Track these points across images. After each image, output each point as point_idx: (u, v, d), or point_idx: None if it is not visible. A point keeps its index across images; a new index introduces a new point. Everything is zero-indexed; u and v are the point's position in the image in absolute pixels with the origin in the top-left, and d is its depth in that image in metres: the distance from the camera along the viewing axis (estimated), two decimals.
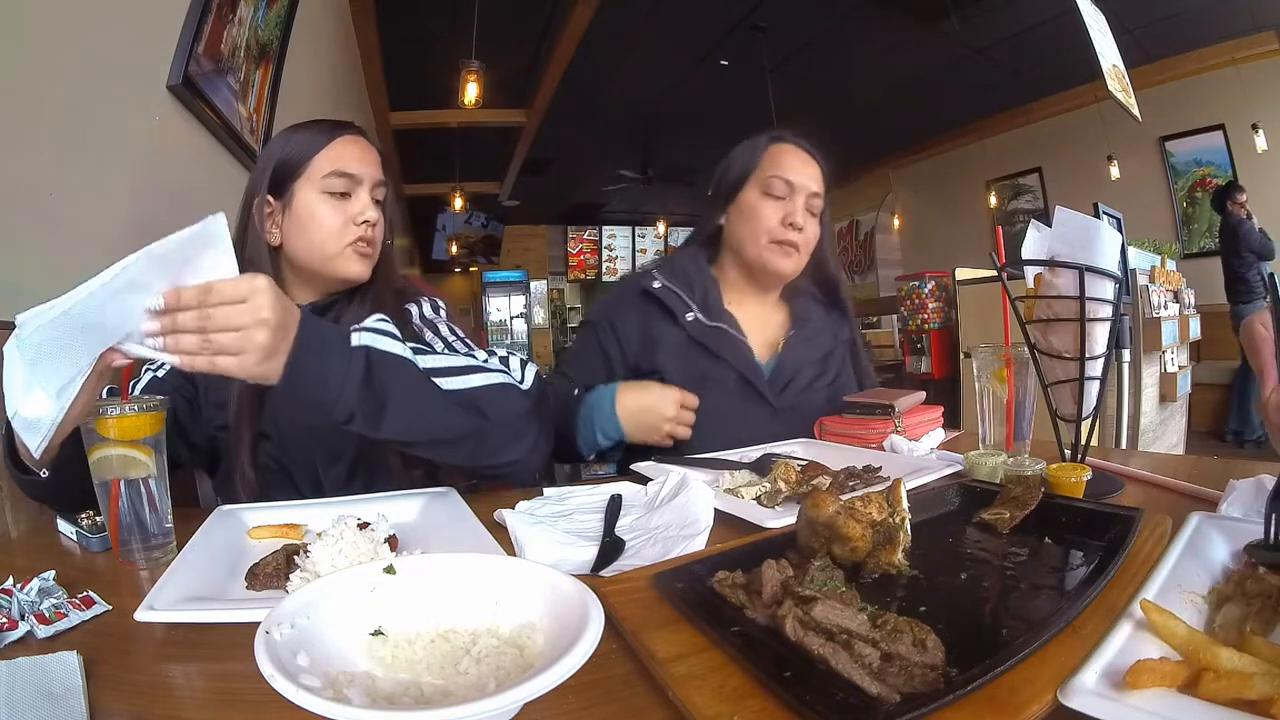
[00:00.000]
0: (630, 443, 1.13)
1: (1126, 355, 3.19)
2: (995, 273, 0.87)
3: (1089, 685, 0.37)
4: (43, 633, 0.51)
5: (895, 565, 0.55)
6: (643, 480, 0.90)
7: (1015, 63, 5.14)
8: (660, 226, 9.83)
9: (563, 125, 5.91)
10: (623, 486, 0.88)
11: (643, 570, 0.57)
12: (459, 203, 7.28)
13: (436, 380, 0.80)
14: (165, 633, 0.52)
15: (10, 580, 0.56)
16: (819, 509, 0.56)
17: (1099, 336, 0.80)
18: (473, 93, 4.08)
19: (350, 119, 1.03)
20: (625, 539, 0.69)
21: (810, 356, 1.27)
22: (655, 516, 0.75)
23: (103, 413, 0.66)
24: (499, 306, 9.46)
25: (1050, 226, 0.83)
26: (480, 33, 3.94)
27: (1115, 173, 5.56)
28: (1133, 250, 3.70)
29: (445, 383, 0.80)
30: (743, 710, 0.38)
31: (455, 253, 9.38)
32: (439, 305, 1.08)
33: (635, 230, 10.21)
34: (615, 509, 0.79)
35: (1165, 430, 3.74)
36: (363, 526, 0.64)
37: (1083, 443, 0.82)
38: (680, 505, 0.75)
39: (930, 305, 4.71)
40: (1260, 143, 4.87)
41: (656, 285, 1.23)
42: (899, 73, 5.35)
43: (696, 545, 0.67)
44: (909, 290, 4.86)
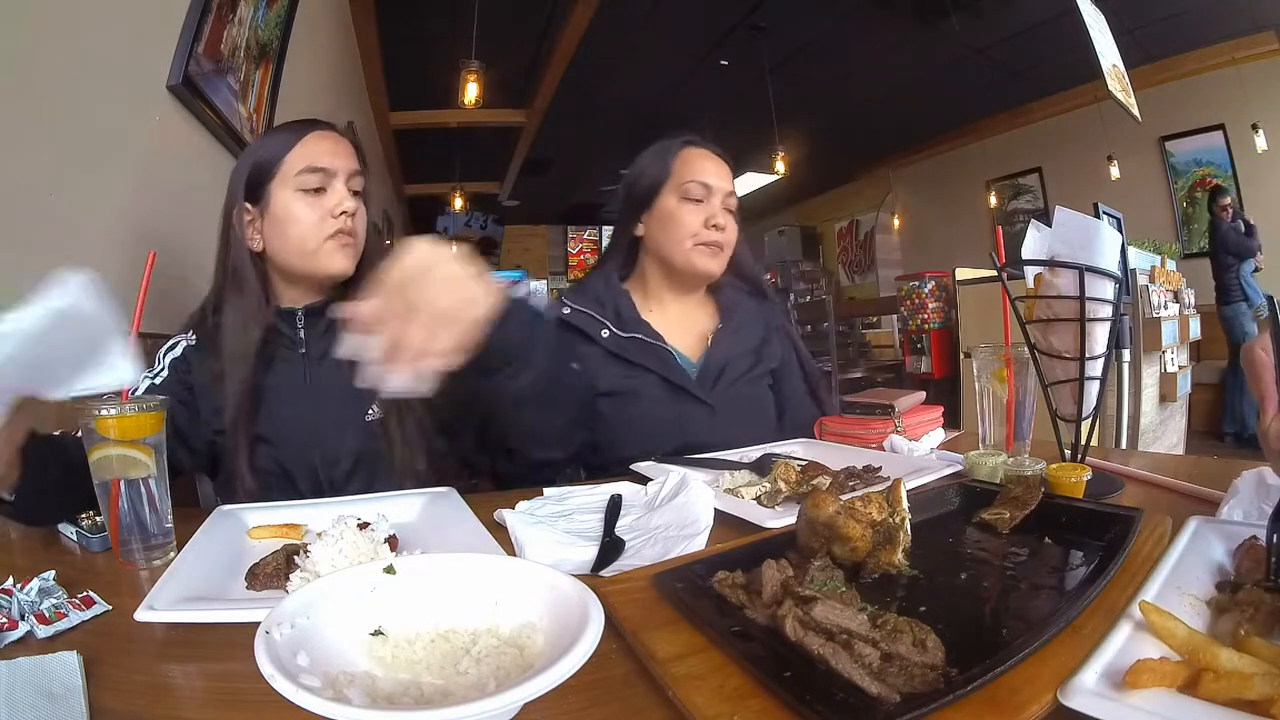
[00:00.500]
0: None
1: (1126, 355, 3.19)
2: (995, 273, 0.87)
3: (1089, 685, 0.37)
4: (43, 633, 0.51)
5: (895, 565, 0.55)
6: (643, 480, 0.90)
7: (1015, 63, 5.14)
8: None
9: (563, 125, 5.91)
10: (623, 486, 0.88)
11: (643, 570, 0.57)
12: (459, 203, 7.27)
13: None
14: (165, 633, 0.52)
15: (10, 580, 0.56)
16: (819, 509, 0.56)
17: (1099, 336, 0.80)
18: (473, 93, 4.07)
19: (350, 119, 1.03)
20: (625, 539, 0.69)
21: (741, 348, 1.25)
22: (655, 516, 0.75)
23: (103, 413, 0.66)
24: None
25: (1050, 226, 0.83)
26: (480, 33, 3.94)
27: (1115, 173, 5.56)
28: (1133, 250, 3.71)
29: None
30: (743, 710, 0.38)
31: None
32: None
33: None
34: (615, 509, 0.79)
35: (1165, 430, 3.75)
36: (363, 526, 0.64)
37: (1083, 443, 0.82)
38: (680, 505, 0.75)
39: (930, 305, 4.71)
40: (1260, 143, 4.87)
41: (566, 312, 1.21)
42: (899, 73, 5.35)
43: (696, 545, 0.67)
44: (909, 290, 4.86)
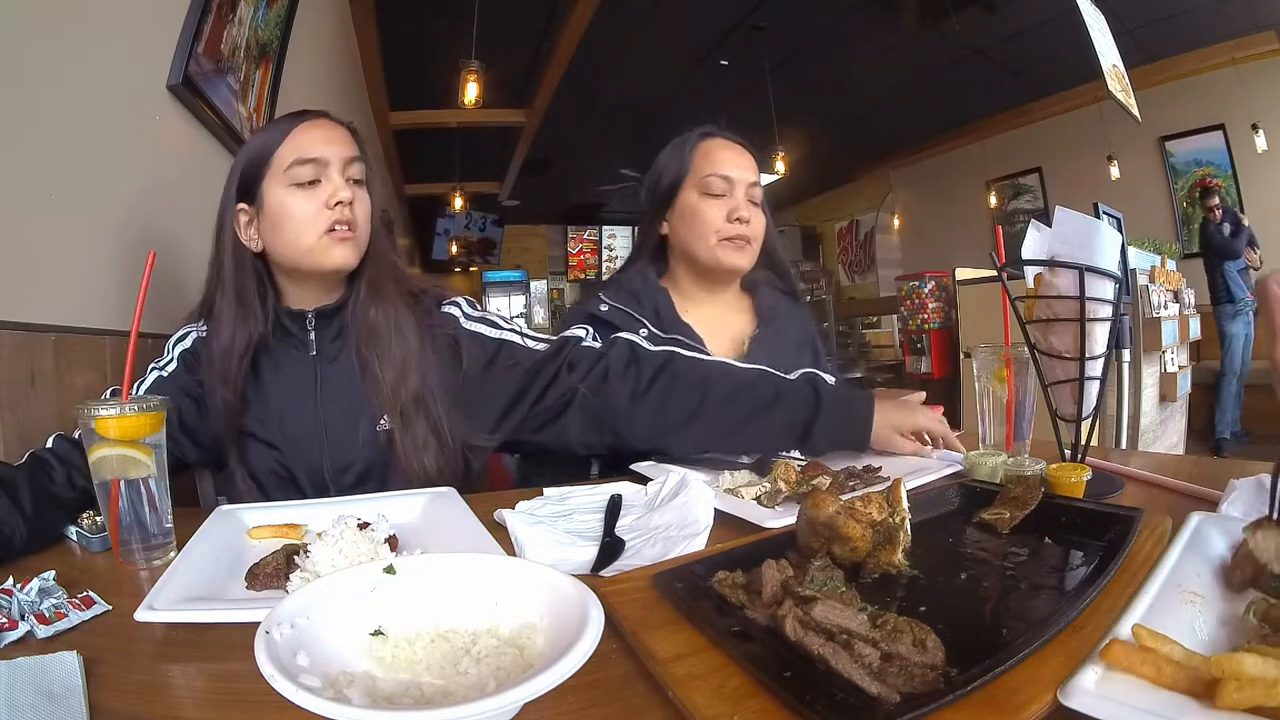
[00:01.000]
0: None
1: (1126, 355, 3.19)
2: (995, 273, 0.87)
3: (1089, 685, 0.37)
4: (43, 633, 0.51)
5: (895, 565, 0.55)
6: (643, 480, 0.90)
7: (1015, 63, 5.14)
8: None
9: (563, 125, 5.90)
10: (623, 486, 0.88)
11: (643, 570, 0.57)
12: (459, 202, 7.26)
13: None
14: (165, 633, 0.52)
15: (10, 580, 0.56)
16: (819, 509, 0.56)
17: (1099, 336, 0.80)
18: (473, 93, 4.07)
19: (350, 119, 1.01)
20: (625, 539, 0.69)
21: (776, 359, 1.17)
22: (655, 516, 0.75)
23: (103, 413, 0.66)
24: (499, 306, 9.46)
25: (1050, 226, 0.83)
26: (480, 33, 3.94)
27: (1115, 173, 5.56)
28: (1133, 250, 3.71)
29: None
30: (743, 710, 0.38)
31: (455, 253, 9.38)
32: (473, 300, 1.08)
33: (635, 230, 10.17)
34: (615, 509, 0.79)
35: (1165, 430, 3.75)
36: (363, 526, 0.64)
37: (1083, 443, 0.82)
38: (680, 505, 0.75)
39: (930, 305, 4.71)
40: (1260, 143, 4.87)
41: (604, 309, 1.19)
42: (899, 73, 5.35)
43: (696, 545, 0.67)
44: (909, 290, 4.87)
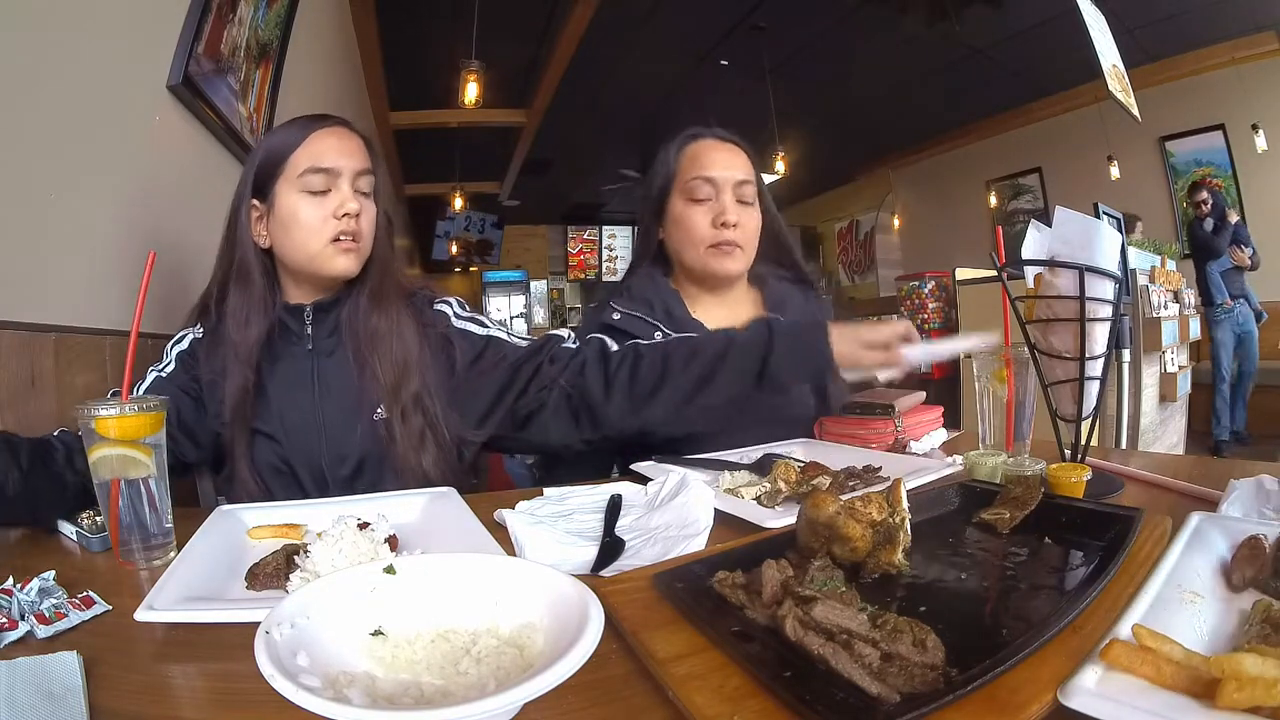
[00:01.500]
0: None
1: (1126, 355, 3.19)
2: (995, 273, 0.87)
3: (1089, 685, 0.37)
4: (43, 633, 0.51)
5: (895, 565, 0.55)
6: (643, 480, 0.90)
7: (1015, 63, 5.13)
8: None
9: (563, 125, 5.90)
10: (623, 486, 0.88)
11: (643, 570, 0.57)
12: (459, 202, 7.27)
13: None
14: (165, 633, 0.52)
15: (10, 580, 0.56)
16: (819, 509, 0.56)
17: (1099, 336, 0.80)
18: (473, 93, 4.08)
19: (350, 119, 1.02)
20: (625, 539, 0.69)
21: None
22: (655, 516, 0.75)
23: (103, 413, 0.66)
24: (499, 306, 9.49)
25: (1050, 226, 0.83)
26: (480, 33, 3.94)
27: (1115, 173, 5.56)
28: (1133, 250, 3.70)
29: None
30: (743, 710, 0.38)
31: (455, 253, 9.38)
32: (462, 301, 1.11)
33: (635, 230, 10.16)
34: (615, 509, 0.79)
35: (1165, 430, 3.74)
36: (363, 526, 0.64)
37: (1083, 443, 0.82)
38: (680, 505, 0.75)
39: (930, 305, 4.70)
40: (1260, 143, 4.86)
41: (616, 317, 1.18)
42: (899, 73, 5.35)
43: (696, 545, 0.67)
44: (909, 290, 4.85)
